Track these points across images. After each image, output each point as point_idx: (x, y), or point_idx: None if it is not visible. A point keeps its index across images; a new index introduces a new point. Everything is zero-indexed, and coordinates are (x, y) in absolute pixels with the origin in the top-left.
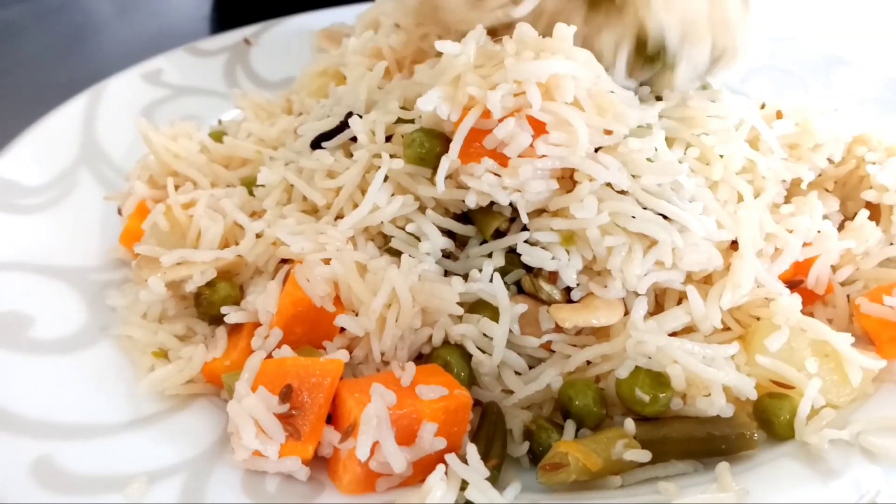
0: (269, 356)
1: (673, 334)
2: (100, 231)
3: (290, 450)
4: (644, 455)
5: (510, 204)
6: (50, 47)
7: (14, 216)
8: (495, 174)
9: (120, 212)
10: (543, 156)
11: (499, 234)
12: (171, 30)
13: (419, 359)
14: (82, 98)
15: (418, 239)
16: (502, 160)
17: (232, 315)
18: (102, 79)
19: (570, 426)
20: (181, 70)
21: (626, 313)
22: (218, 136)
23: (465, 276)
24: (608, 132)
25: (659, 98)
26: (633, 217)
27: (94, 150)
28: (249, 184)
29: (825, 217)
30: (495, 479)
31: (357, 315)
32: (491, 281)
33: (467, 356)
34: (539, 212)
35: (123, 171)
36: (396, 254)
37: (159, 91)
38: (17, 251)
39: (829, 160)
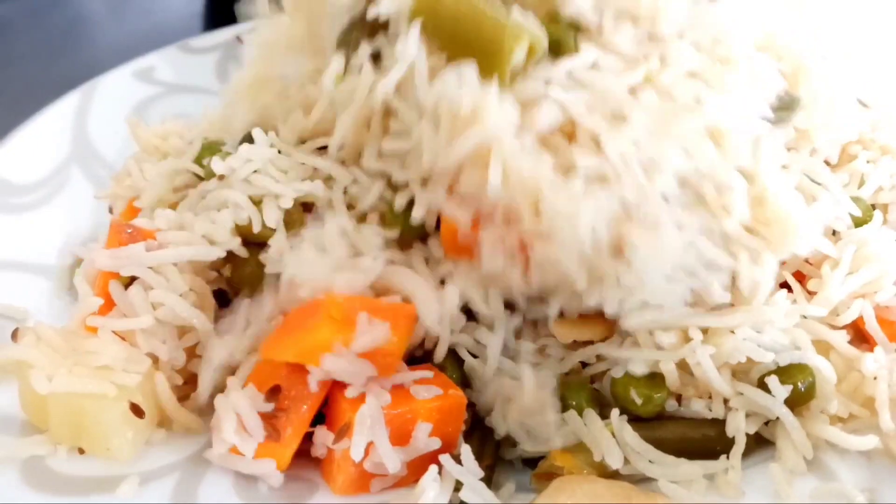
0: None
1: None
2: (91, 230)
3: (266, 451)
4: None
5: None
6: (41, 45)
7: (5, 215)
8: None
9: (111, 210)
10: None
11: None
12: (163, 27)
13: (411, 362)
14: (74, 95)
15: None
16: None
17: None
18: (94, 76)
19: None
20: (173, 68)
21: None
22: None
23: None
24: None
25: None
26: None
27: (86, 147)
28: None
29: None
30: (489, 480)
31: None
32: None
33: (460, 360)
34: None
35: (115, 169)
36: None
37: (151, 89)
38: (7, 250)
39: (826, 162)
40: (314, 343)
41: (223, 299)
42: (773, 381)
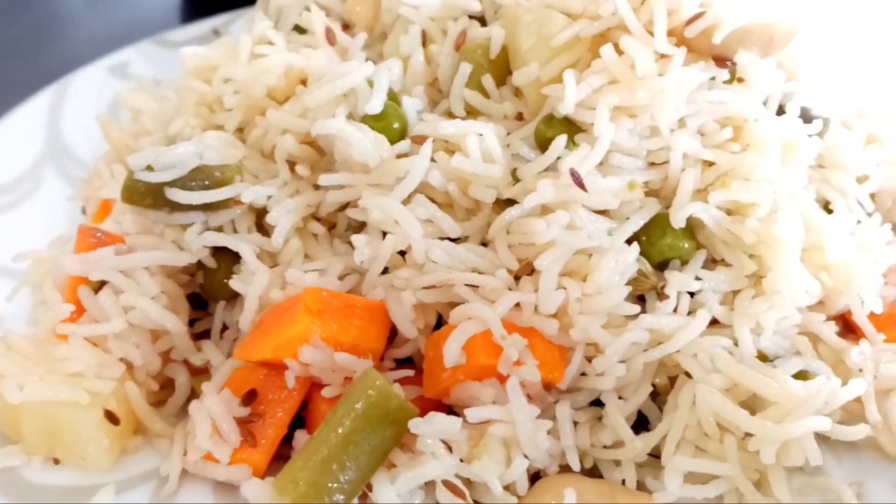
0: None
1: None
2: (66, 231)
3: (242, 456)
4: None
5: None
6: (18, 40)
7: None
8: None
9: (84, 211)
10: None
11: None
12: (142, 21)
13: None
14: (46, 93)
15: None
16: None
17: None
18: (72, 71)
19: None
20: (149, 62)
21: None
22: None
23: None
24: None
25: None
26: None
27: (59, 146)
28: None
29: None
30: None
31: None
32: None
33: None
34: None
35: (90, 168)
36: None
37: (126, 84)
38: None
39: None
40: (292, 335)
41: (200, 303)
42: None
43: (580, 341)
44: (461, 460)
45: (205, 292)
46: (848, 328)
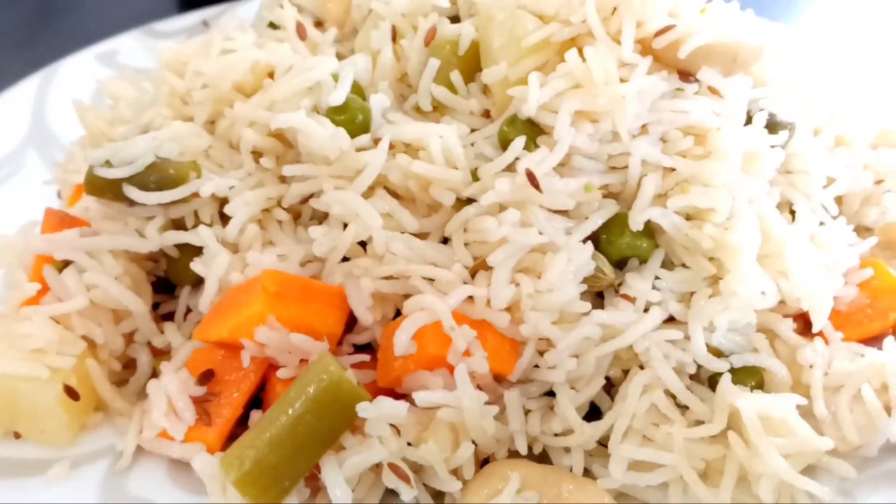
0: None
1: None
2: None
3: (196, 435)
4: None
5: None
6: (15, 26)
7: None
8: None
9: (60, 195)
10: None
11: None
12: (141, 10)
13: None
14: (35, 78)
15: None
16: None
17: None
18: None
19: None
20: (137, 51)
21: None
22: None
23: None
24: None
25: None
26: None
27: (43, 131)
28: None
29: None
30: None
31: None
32: None
33: None
34: None
35: None
36: None
37: (114, 73)
38: None
39: None
40: (248, 315)
41: (167, 286)
42: (725, 381)
43: (531, 337)
44: (409, 444)
45: (170, 277)
46: (809, 326)
